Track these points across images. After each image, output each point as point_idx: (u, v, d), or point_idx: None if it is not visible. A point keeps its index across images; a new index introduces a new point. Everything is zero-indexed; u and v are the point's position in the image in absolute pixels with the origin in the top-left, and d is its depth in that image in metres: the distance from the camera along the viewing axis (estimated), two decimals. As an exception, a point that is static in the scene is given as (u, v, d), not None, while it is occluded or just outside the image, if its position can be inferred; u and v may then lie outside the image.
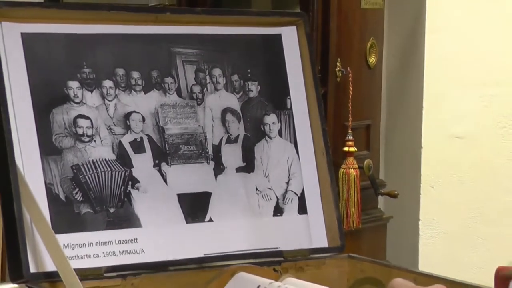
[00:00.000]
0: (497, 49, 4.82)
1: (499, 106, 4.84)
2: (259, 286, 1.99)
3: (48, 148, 2.00)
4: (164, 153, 2.11)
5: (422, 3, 4.77)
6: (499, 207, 4.87)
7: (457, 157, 4.83)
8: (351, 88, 4.05)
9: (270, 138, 2.22)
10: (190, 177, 2.13)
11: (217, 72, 2.20)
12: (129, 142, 2.08)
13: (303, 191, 2.23)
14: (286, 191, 2.22)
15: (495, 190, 4.87)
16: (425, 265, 4.58)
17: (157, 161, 2.10)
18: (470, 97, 4.82)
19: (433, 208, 4.82)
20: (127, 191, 2.06)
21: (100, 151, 2.05)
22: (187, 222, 2.11)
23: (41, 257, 1.92)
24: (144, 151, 2.09)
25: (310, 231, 2.23)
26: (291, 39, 2.26)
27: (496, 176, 4.87)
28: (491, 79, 4.82)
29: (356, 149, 3.89)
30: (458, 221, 4.84)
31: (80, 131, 2.04)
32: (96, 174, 2.03)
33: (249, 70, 2.22)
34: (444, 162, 4.82)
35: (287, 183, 2.22)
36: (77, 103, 2.05)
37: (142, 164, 2.09)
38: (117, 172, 2.06)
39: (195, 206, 2.13)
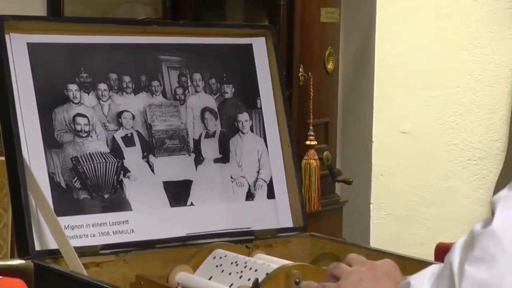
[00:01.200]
0: (436, 58, 4.83)
1: (438, 106, 4.86)
2: (236, 262, 1.99)
3: (51, 142, 1.99)
4: (152, 147, 2.10)
5: (372, 18, 4.78)
6: (437, 191, 4.88)
7: (402, 149, 4.84)
8: (312, 90, 4.05)
9: (243, 133, 2.21)
10: (174, 167, 2.12)
11: (197, 76, 2.19)
12: (121, 137, 2.07)
13: (271, 179, 2.23)
14: (256, 179, 2.21)
15: (434, 177, 4.89)
16: (375, 242, 4.59)
17: (145, 154, 2.10)
18: (414, 98, 4.83)
19: (382, 193, 4.83)
20: (119, 179, 2.05)
21: (96, 145, 2.04)
22: (171, 206, 2.10)
23: (45, 237, 1.91)
24: (134, 145, 2.09)
25: (278, 213, 2.22)
26: (260, 48, 2.25)
27: (435, 165, 4.88)
28: (431, 83, 4.84)
29: (316, 142, 3.89)
30: (403, 204, 4.85)
31: (78, 128, 2.03)
32: (92, 164, 2.02)
33: (224, 75, 2.22)
34: (392, 154, 4.83)
35: (258, 172, 2.22)
36: (75, 103, 2.04)
37: (132, 156, 2.08)
38: (110, 163, 2.05)
39: (178, 192, 2.12)
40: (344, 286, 1.63)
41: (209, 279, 1.97)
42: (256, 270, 1.92)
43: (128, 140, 2.08)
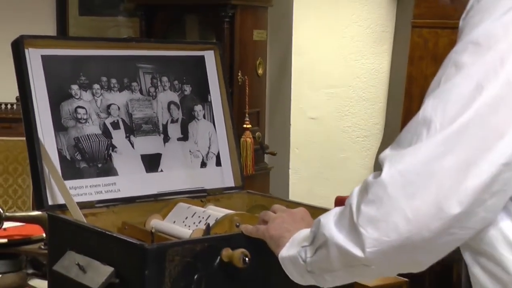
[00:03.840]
0: (334, 65, 4.86)
1: (336, 99, 4.88)
2: (194, 212, 1.98)
3: (59, 127, 1.98)
4: (132, 129, 2.09)
5: (290, 37, 4.79)
6: (336, 159, 4.91)
7: (311, 131, 4.86)
8: (247, 89, 4.04)
9: (198, 119, 2.21)
10: (148, 144, 2.12)
11: (164, 79, 2.17)
12: (110, 123, 2.07)
13: (218, 152, 2.22)
14: (208, 152, 2.21)
15: (334, 149, 4.91)
16: (293, 196, 4.61)
17: (127, 134, 2.09)
18: (319, 94, 4.85)
19: (297, 162, 4.85)
20: (109, 153, 2.04)
21: (92, 128, 2.03)
22: (147, 172, 2.09)
23: (55, 195, 1.90)
24: (119, 128, 2.08)
25: (223, 176, 2.22)
26: (210, 59, 2.25)
27: (334, 141, 4.91)
28: (331, 83, 4.86)
29: (250, 126, 3.88)
30: (313, 169, 4.87)
31: (79, 116, 2.02)
32: (89, 142, 2.01)
33: (184, 78, 2.21)
34: (304, 133, 4.85)
35: (209, 147, 2.21)
36: (77, 98, 2.03)
37: (118, 136, 2.07)
38: (102, 141, 2.04)
39: (151, 162, 2.11)
40: (271, 227, 1.62)
41: (173, 223, 1.96)
42: (208, 217, 1.91)
43: (115, 125, 2.07)
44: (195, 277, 1.60)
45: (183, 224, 1.94)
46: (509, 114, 1.24)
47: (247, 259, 1.60)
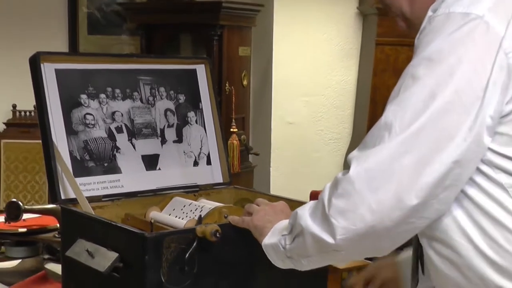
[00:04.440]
0: (309, 77, 4.86)
1: (310, 107, 4.88)
2: (188, 204, 1.98)
3: (70, 131, 1.96)
4: (133, 133, 2.08)
5: (271, 53, 4.79)
6: (311, 159, 4.91)
7: (290, 134, 4.86)
8: (233, 97, 4.02)
9: (191, 124, 2.20)
10: (148, 145, 2.10)
11: (162, 89, 2.16)
12: (114, 128, 2.05)
13: (209, 152, 2.21)
14: (200, 153, 2.20)
15: (309, 150, 4.91)
16: (273, 191, 4.60)
17: (129, 138, 2.07)
18: (296, 102, 4.85)
19: (277, 161, 4.84)
20: (113, 154, 2.02)
21: (98, 132, 2.01)
22: (146, 170, 2.08)
23: (67, 190, 1.89)
24: (123, 132, 2.06)
25: (213, 174, 2.21)
26: (201, 71, 2.24)
27: (309, 143, 4.91)
28: (306, 92, 4.86)
29: (237, 130, 3.87)
30: (291, 167, 4.87)
31: (87, 122, 2.00)
32: (96, 144, 1.99)
33: (179, 88, 2.20)
34: (283, 136, 4.85)
35: (200, 148, 2.20)
36: (85, 106, 2.00)
37: (121, 139, 2.05)
38: (107, 144, 2.02)
39: (150, 161, 2.09)
40: (255, 218, 1.63)
41: (169, 215, 1.96)
42: (201, 210, 1.91)
43: (119, 129, 2.05)
44: (186, 259, 1.60)
45: (178, 215, 1.94)
46: (458, 119, 1.26)
47: (217, 233, 1.59)
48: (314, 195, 3.40)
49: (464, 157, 1.25)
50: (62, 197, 1.87)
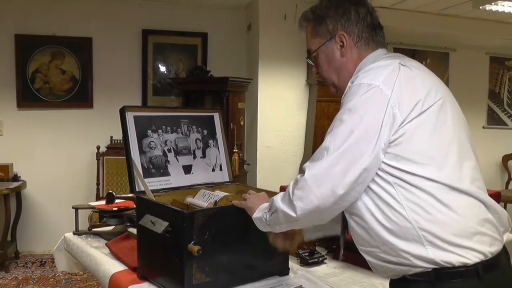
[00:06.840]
0: (280, 119, 4.85)
1: (280, 137, 4.86)
2: (209, 194, 1.95)
3: (141, 151, 1.93)
4: (177, 152, 2.05)
5: (256, 106, 4.77)
6: (281, 167, 4.87)
7: (268, 153, 4.83)
8: (235, 132, 4.01)
9: (210, 148, 2.17)
10: (185, 160, 2.07)
11: (193, 127, 2.14)
12: (166, 149, 2.02)
13: (221, 164, 2.19)
14: (215, 164, 2.17)
15: (279, 162, 4.87)
16: (259, 186, 4.57)
17: (175, 155, 2.04)
18: (272, 134, 4.83)
19: (262, 166, 4.81)
20: (166, 165, 2.00)
21: (157, 152, 1.98)
22: (185, 174, 2.05)
23: (139, 186, 1.86)
24: (171, 152, 2.03)
25: (223, 176, 2.18)
26: (217, 117, 2.22)
27: (280, 159, 4.88)
28: (278, 129, 4.85)
29: (237, 150, 3.86)
30: (269, 172, 4.83)
31: (151, 146, 1.97)
32: (156, 159, 1.97)
33: (203, 126, 2.18)
34: (264, 154, 4.82)
35: (216, 161, 2.18)
36: (150, 137, 1.98)
37: (171, 156, 2.03)
38: (163, 159, 1.99)
39: (187, 169, 2.06)
40: (248, 202, 1.62)
41: (198, 200, 1.93)
42: (216, 197, 1.89)
43: (169, 150, 2.03)
44: (207, 225, 1.58)
45: (203, 200, 1.92)
46: (366, 144, 1.27)
47: (199, 251, 1.52)
48: (283, 188, 3.37)
49: (369, 166, 1.27)
50: (137, 190, 1.85)
